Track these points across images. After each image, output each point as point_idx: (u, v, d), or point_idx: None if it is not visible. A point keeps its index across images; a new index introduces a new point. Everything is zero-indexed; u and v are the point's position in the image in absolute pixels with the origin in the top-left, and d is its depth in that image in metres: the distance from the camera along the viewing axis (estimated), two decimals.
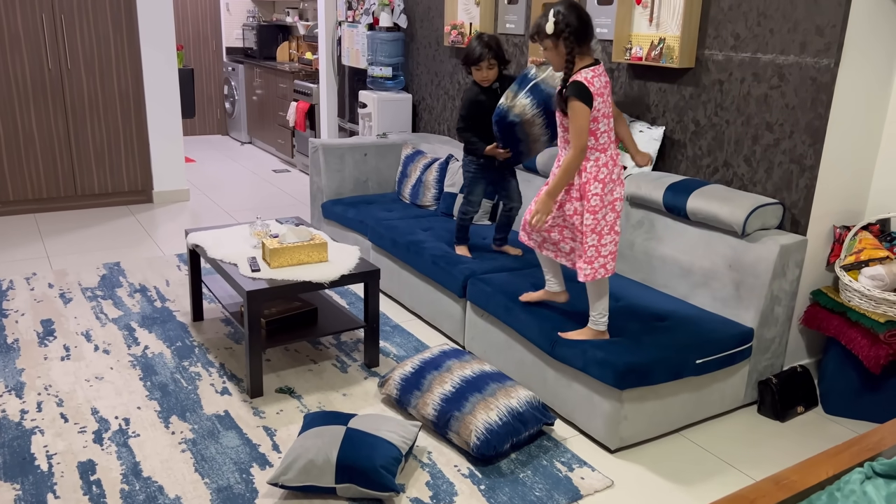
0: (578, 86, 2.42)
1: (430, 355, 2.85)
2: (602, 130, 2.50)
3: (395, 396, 2.75)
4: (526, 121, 2.95)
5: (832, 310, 2.83)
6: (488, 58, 3.25)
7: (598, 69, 2.48)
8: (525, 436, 2.55)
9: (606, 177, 2.51)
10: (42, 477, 2.33)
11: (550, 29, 2.45)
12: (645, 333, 2.63)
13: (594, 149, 2.51)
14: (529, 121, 2.95)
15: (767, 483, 1.42)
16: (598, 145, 2.50)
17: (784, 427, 2.81)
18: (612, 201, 2.55)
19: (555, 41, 2.47)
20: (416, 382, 2.71)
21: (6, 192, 5.08)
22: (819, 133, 2.76)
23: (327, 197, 4.50)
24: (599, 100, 2.46)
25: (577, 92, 2.42)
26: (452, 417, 2.53)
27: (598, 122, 2.48)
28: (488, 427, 2.46)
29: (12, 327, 3.37)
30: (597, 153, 2.51)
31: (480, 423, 2.47)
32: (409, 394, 2.70)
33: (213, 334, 3.38)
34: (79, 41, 5.07)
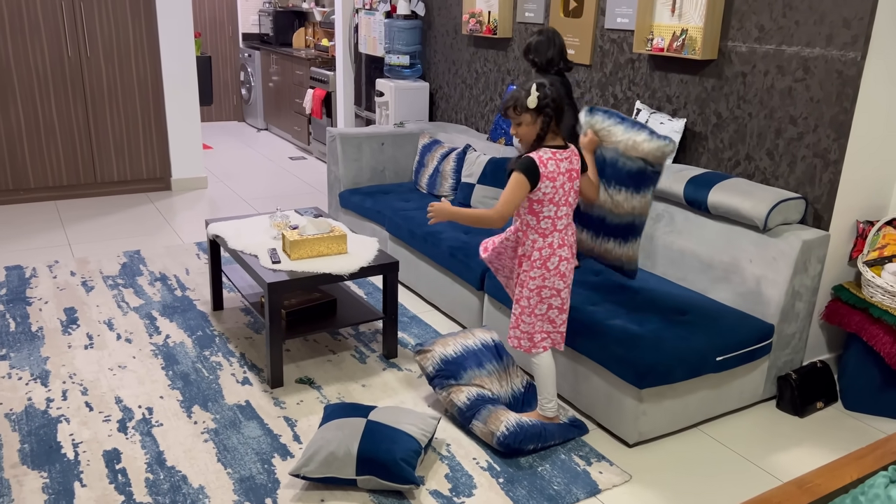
0: (529, 162, 2.35)
1: (473, 345, 2.80)
2: (545, 215, 2.40)
3: (430, 373, 2.72)
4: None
5: (854, 305, 2.81)
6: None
7: (563, 153, 2.40)
8: (552, 445, 2.56)
9: (542, 265, 2.43)
10: (69, 465, 2.37)
11: (533, 103, 2.35)
12: (665, 329, 2.63)
13: (534, 230, 2.43)
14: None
15: (791, 486, 1.42)
16: (538, 228, 2.42)
17: (803, 423, 2.80)
18: (549, 297, 2.47)
19: (534, 116, 2.37)
20: (455, 372, 2.68)
21: (27, 180, 5.12)
22: (844, 127, 2.73)
23: (345, 186, 4.51)
24: (549, 184, 2.36)
25: (525, 167, 2.34)
26: (484, 408, 2.55)
27: (542, 204, 2.38)
28: (519, 423, 2.48)
29: (36, 315, 3.42)
30: (535, 235, 2.44)
31: (512, 417, 2.50)
32: (444, 378, 2.68)
33: (234, 324, 3.41)
34: (98, 29, 5.09)
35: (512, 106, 2.40)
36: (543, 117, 2.36)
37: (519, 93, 2.39)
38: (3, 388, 2.80)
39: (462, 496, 2.29)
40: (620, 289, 2.97)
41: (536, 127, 2.39)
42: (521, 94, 2.38)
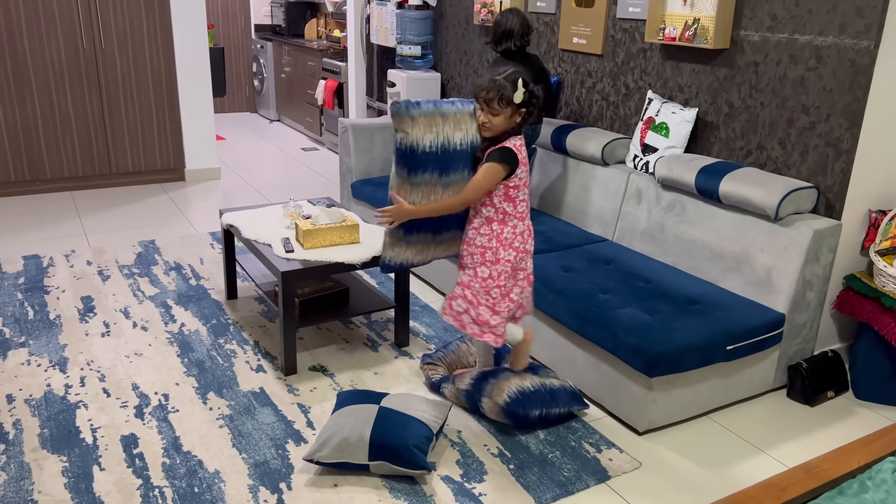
0: (509, 153, 2.37)
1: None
2: (521, 199, 2.45)
3: (435, 381, 2.82)
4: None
5: (866, 295, 2.80)
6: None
7: (521, 139, 2.44)
8: (555, 413, 2.59)
9: (521, 245, 2.48)
10: (87, 450, 2.42)
11: (519, 98, 2.34)
12: (676, 318, 2.64)
13: (513, 216, 2.46)
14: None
15: (798, 471, 1.44)
16: (516, 213, 2.46)
17: (813, 412, 2.81)
18: (524, 278, 2.54)
19: (514, 110, 2.36)
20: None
21: (44, 171, 5.19)
22: (857, 116, 2.72)
23: (357, 177, 4.53)
24: (523, 168, 2.42)
25: (507, 157, 2.36)
26: (487, 383, 2.59)
27: (518, 189, 2.43)
28: (520, 389, 2.54)
29: (54, 304, 3.47)
30: (515, 220, 2.47)
31: (514, 385, 2.55)
32: (447, 381, 2.76)
33: (247, 312, 3.45)
34: (112, 21, 5.13)
35: (497, 98, 2.34)
36: (525, 113, 2.38)
37: (503, 85, 2.33)
38: (22, 374, 2.85)
39: (473, 482, 2.32)
40: (631, 277, 2.99)
41: (513, 120, 2.38)
42: (507, 86, 2.33)
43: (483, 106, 2.37)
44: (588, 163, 3.66)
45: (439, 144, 2.41)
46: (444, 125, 2.43)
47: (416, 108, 2.41)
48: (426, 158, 2.41)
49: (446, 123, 2.43)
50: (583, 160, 3.69)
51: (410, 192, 2.44)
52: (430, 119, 2.41)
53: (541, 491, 2.29)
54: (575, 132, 3.69)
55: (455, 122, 2.45)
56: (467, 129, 2.47)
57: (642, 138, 3.44)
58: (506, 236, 2.46)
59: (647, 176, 3.38)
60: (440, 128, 2.42)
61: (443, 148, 2.42)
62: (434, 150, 2.41)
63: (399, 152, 2.43)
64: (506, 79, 2.33)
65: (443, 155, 2.43)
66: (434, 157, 2.42)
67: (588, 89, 3.95)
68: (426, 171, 2.43)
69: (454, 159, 2.46)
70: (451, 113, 2.46)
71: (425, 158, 2.41)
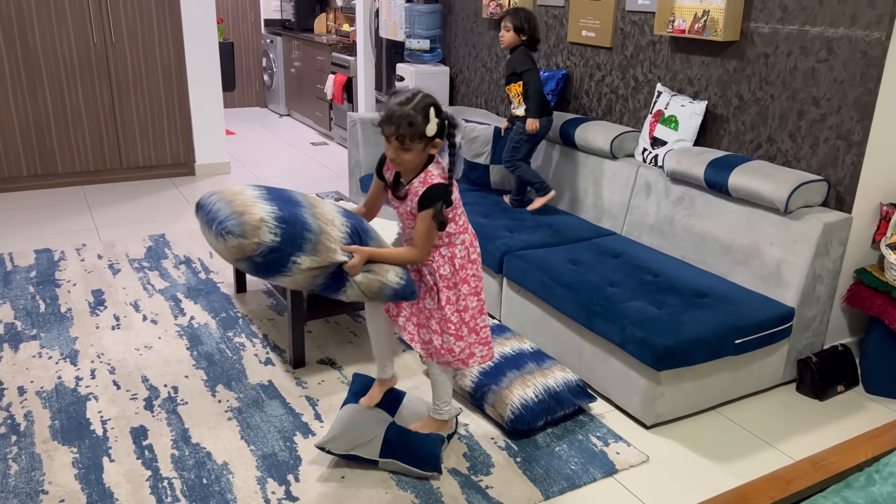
0: (440, 190, 2.09)
1: None
2: (459, 213, 2.22)
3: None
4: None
5: (876, 289, 2.78)
6: (505, 19, 3.52)
7: (439, 163, 2.16)
8: (560, 414, 2.58)
9: (474, 253, 2.28)
10: (97, 441, 2.44)
11: (432, 131, 2.03)
12: (684, 311, 2.63)
13: (458, 232, 2.22)
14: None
15: (805, 464, 1.43)
16: (459, 228, 2.22)
17: (823, 406, 2.80)
18: (480, 286, 2.31)
19: (427, 142, 2.06)
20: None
21: (55, 165, 5.22)
22: (868, 108, 2.70)
23: (365, 171, 4.54)
24: (455, 189, 2.17)
25: (441, 196, 2.10)
26: (489, 391, 2.58)
27: (456, 209, 2.19)
28: (524, 403, 2.50)
29: (65, 297, 3.50)
30: (462, 235, 2.23)
31: (516, 398, 2.51)
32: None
33: (256, 306, 3.47)
34: (122, 16, 5.15)
35: (407, 135, 2.01)
36: (434, 146, 2.09)
37: (412, 117, 2.00)
38: (33, 366, 2.88)
39: (480, 475, 2.33)
40: (639, 270, 2.98)
41: (426, 153, 2.09)
42: (417, 118, 2.00)
43: (391, 141, 2.05)
44: (597, 156, 3.65)
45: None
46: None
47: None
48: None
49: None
50: (591, 153, 3.68)
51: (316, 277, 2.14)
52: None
53: (548, 484, 2.29)
54: (584, 125, 3.68)
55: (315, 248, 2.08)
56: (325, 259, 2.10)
57: (651, 131, 3.42)
58: (459, 256, 2.23)
59: (655, 169, 3.37)
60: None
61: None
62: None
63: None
64: (415, 109, 2.01)
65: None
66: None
67: (597, 82, 3.93)
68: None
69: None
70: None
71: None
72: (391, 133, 2.04)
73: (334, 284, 2.13)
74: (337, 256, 2.09)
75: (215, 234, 2.05)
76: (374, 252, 2.15)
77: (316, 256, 2.05)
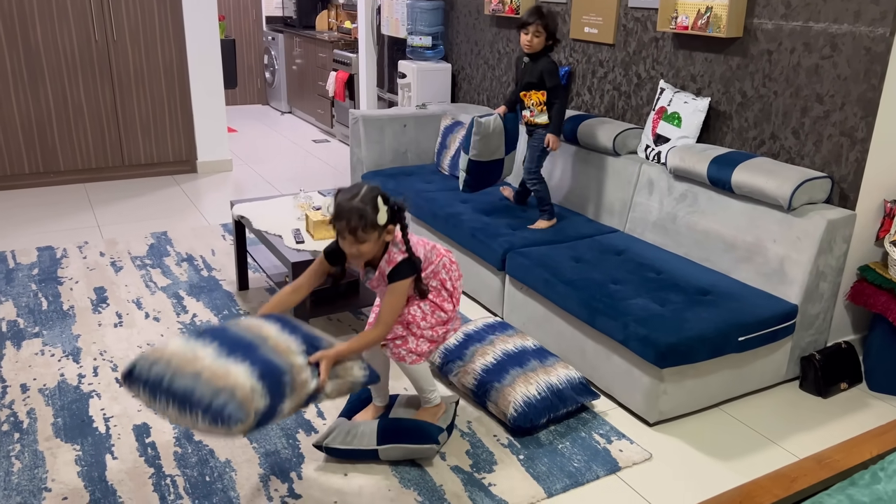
0: (407, 266, 2.18)
1: (474, 328, 2.89)
2: (427, 266, 2.30)
3: (437, 364, 2.81)
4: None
5: (880, 286, 2.78)
6: (538, 24, 3.28)
7: (400, 242, 2.20)
8: (563, 412, 2.58)
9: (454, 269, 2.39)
10: (100, 438, 2.44)
11: (384, 219, 2.08)
12: (687, 308, 2.63)
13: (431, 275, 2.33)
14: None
15: (810, 462, 1.43)
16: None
17: (826, 403, 2.79)
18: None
19: (381, 231, 2.10)
20: (459, 353, 2.75)
21: (57, 163, 5.22)
22: (872, 105, 2.69)
23: (367, 168, 4.53)
24: (422, 259, 2.26)
25: (410, 271, 2.19)
26: (492, 388, 2.57)
27: (423, 270, 2.29)
28: (526, 400, 2.50)
29: (67, 294, 3.50)
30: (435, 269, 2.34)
31: (519, 395, 2.51)
32: (451, 363, 2.75)
33: (258, 303, 3.47)
34: (124, 13, 5.15)
35: (360, 227, 2.04)
36: (388, 232, 2.14)
37: (362, 210, 2.04)
38: (36, 364, 2.88)
39: (483, 472, 2.33)
40: (642, 268, 2.97)
41: (383, 240, 2.14)
42: (367, 210, 2.04)
43: (346, 236, 2.08)
44: (599, 153, 3.64)
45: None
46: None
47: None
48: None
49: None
50: (594, 150, 3.67)
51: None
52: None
53: (550, 481, 2.29)
54: (586, 122, 3.67)
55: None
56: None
57: (654, 128, 3.41)
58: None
59: (658, 166, 3.36)
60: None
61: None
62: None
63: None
64: (363, 202, 2.05)
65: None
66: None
67: (600, 79, 3.92)
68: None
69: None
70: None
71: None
72: (343, 228, 2.06)
73: (307, 402, 1.99)
74: (311, 386, 1.94)
75: (210, 422, 1.74)
76: (339, 352, 2.03)
77: (293, 396, 1.90)
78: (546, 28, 3.28)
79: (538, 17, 3.28)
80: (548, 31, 3.29)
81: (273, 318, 2.09)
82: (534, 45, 3.31)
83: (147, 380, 1.81)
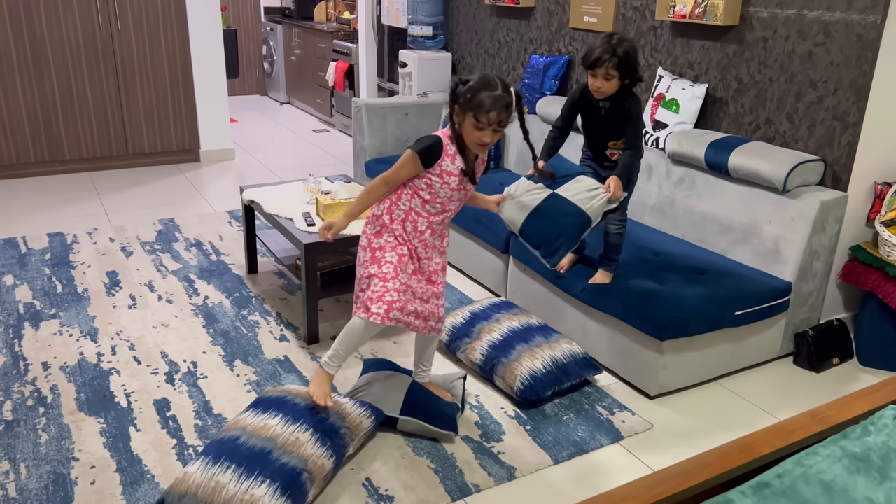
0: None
1: (480, 307, 2.99)
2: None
3: (445, 342, 2.90)
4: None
5: (871, 265, 2.89)
6: (608, 65, 2.57)
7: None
8: (567, 385, 2.68)
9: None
10: (123, 412, 2.53)
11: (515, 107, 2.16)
12: (685, 286, 2.73)
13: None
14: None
15: (805, 417, 1.53)
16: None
17: (819, 377, 2.91)
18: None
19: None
20: (466, 331, 2.85)
21: (63, 152, 5.28)
22: (863, 90, 2.79)
23: (370, 156, 4.61)
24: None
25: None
26: (499, 363, 2.67)
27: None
28: (532, 374, 2.60)
29: (81, 278, 3.58)
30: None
31: (525, 369, 2.61)
32: (458, 340, 2.85)
33: (268, 286, 3.56)
34: (128, 3, 5.20)
35: (507, 117, 2.14)
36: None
37: (509, 100, 2.11)
38: (55, 343, 2.97)
39: (492, 441, 2.43)
40: (641, 250, 3.07)
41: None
42: (511, 100, 2.12)
43: (495, 129, 2.13)
44: None
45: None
46: None
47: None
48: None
49: None
50: None
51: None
52: None
53: (557, 450, 2.40)
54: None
55: None
56: None
57: (653, 114, 3.51)
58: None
59: (657, 151, 3.46)
60: None
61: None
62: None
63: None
64: (507, 92, 2.13)
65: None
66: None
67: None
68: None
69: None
70: None
71: None
72: (494, 120, 2.10)
73: (335, 472, 2.22)
74: (328, 466, 2.16)
75: None
76: (344, 217, 2.27)
77: (316, 484, 2.10)
78: (619, 69, 2.58)
79: (610, 57, 2.55)
80: (621, 71, 2.59)
81: (274, 407, 2.23)
82: (605, 91, 2.62)
83: None
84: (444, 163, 2.19)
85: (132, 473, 2.23)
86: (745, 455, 1.40)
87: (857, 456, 1.42)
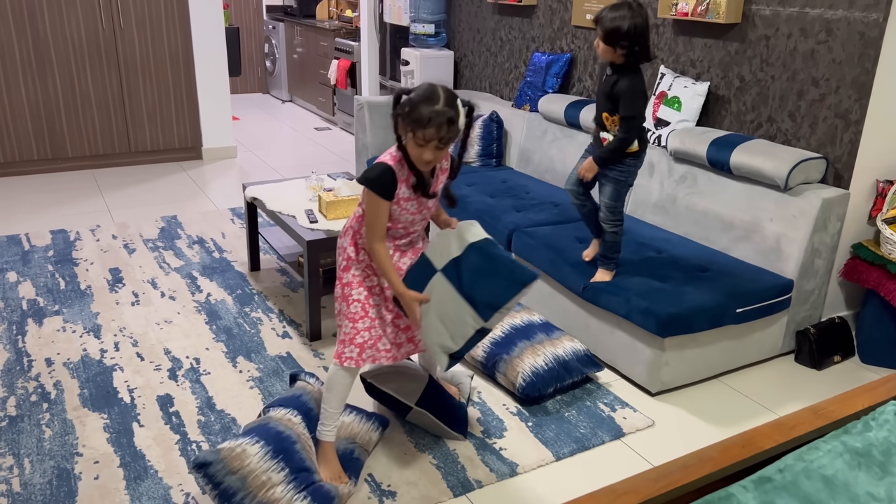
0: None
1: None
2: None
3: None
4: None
5: (872, 263, 2.89)
6: (598, 29, 2.57)
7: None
8: (569, 382, 2.69)
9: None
10: (126, 408, 2.54)
11: (463, 122, 2.02)
12: (687, 283, 2.74)
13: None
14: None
15: (806, 412, 1.54)
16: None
17: (820, 375, 2.91)
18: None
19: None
20: None
21: (66, 149, 5.30)
22: (865, 88, 2.80)
23: (372, 153, 4.62)
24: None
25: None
26: (501, 360, 2.68)
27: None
28: (534, 370, 2.61)
29: (84, 275, 3.59)
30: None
31: (527, 366, 2.62)
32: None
33: (270, 283, 3.57)
34: (130, 1, 5.21)
35: (449, 135, 1.95)
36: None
37: (452, 116, 1.93)
38: (59, 340, 2.98)
39: (494, 437, 2.44)
40: (643, 248, 3.08)
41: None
42: (455, 115, 1.95)
43: (435, 145, 1.95)
44: None
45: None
46: None
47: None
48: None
49: None
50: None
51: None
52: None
53: (558, 446, 2.41)
54: (588, 107, 3.77)
55: None
56: None
57: (655, 112, 3.51)
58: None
59: (659, 149, 3.46)
60: None
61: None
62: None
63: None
64: (449, 106, 1.95)
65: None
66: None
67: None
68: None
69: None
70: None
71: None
72: (433, 136, 1.92)
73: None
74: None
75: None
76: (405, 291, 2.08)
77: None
78: (605, 39, 2.51)
79: (601, 22, 2.50)
80: (606, 40, 2.51)
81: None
82: (600, 53, 2.58)
83: (219, 484, 1.93)
84: (401, 190, 2.03)
85: (135, 469, 2.24)
86: (746, 450, 1.41)
87: (858, 451, 1.43)
